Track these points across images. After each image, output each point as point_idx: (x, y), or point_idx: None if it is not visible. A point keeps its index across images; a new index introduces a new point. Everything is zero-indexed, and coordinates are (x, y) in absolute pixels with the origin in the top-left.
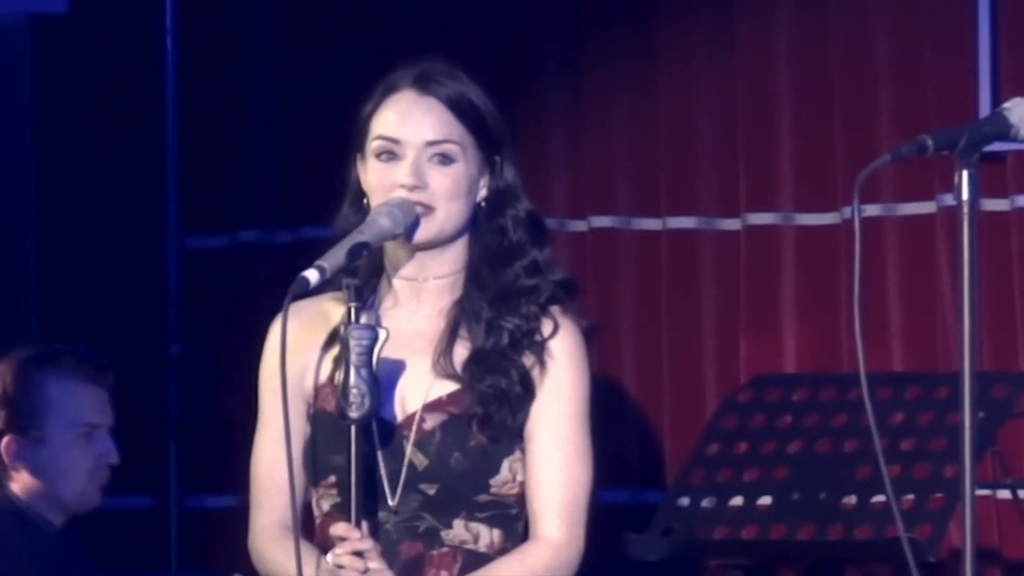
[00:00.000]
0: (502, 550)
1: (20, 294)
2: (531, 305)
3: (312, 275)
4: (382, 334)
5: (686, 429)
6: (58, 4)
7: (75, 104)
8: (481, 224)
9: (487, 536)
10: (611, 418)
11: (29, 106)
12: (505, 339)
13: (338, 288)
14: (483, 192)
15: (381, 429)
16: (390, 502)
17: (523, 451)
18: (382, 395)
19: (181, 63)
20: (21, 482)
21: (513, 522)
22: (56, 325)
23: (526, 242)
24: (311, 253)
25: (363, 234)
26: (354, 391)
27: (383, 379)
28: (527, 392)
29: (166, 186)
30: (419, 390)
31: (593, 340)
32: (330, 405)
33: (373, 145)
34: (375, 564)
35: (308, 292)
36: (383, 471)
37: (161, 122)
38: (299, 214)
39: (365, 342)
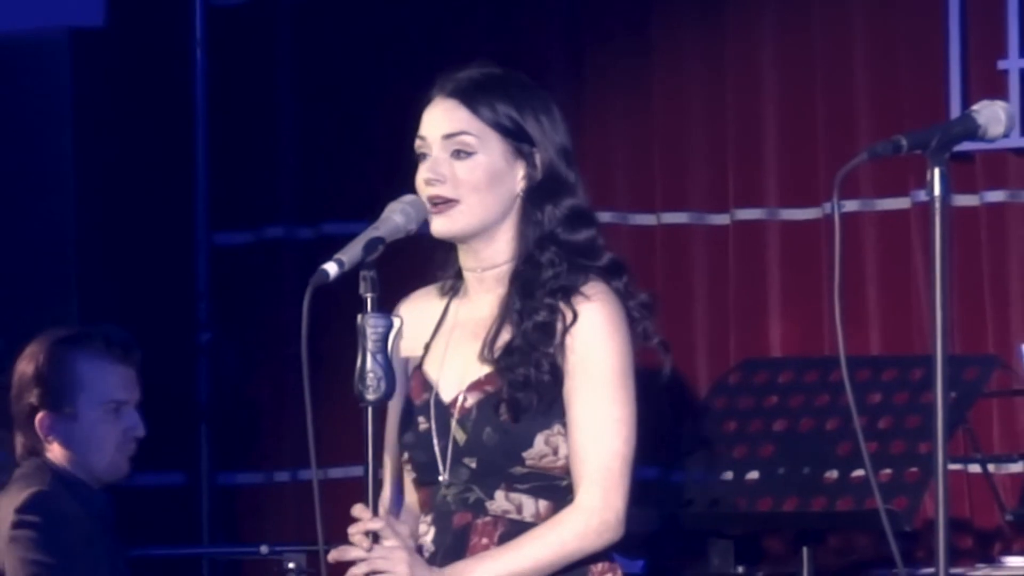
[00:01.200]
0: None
1: (62, 288)
2: (549, 297)
3: (331, 268)
4: (396, 322)
5: (680, 409)
6: (96, 18)
7: (111, 110)
8: (524, 216)
9: (531, 506)
10: None
11: (69, 112)
12: (533, 330)
13: (448, 278)
14: (522, 184)
15: (437, 409)
16: (441, 476)
17: (564, 426)
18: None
19: (210, 73)
20: (55, 453)
21: (563, 494)
22: (95, 315)
23: (559, 234)
24: (331, 248)
25: (378, 230)
26: (370, 375)
27: (446, 364)
28: (555, 380)
29: (196, 186)
30: (468, 373)
31: (655, 311)
32: (412, 388)
33: (415, 146)
34: (390, 542)
35: (327, 283)
36: (436, 447)
37: (191, 127)
38: (320, 212)
39: (380, 329)
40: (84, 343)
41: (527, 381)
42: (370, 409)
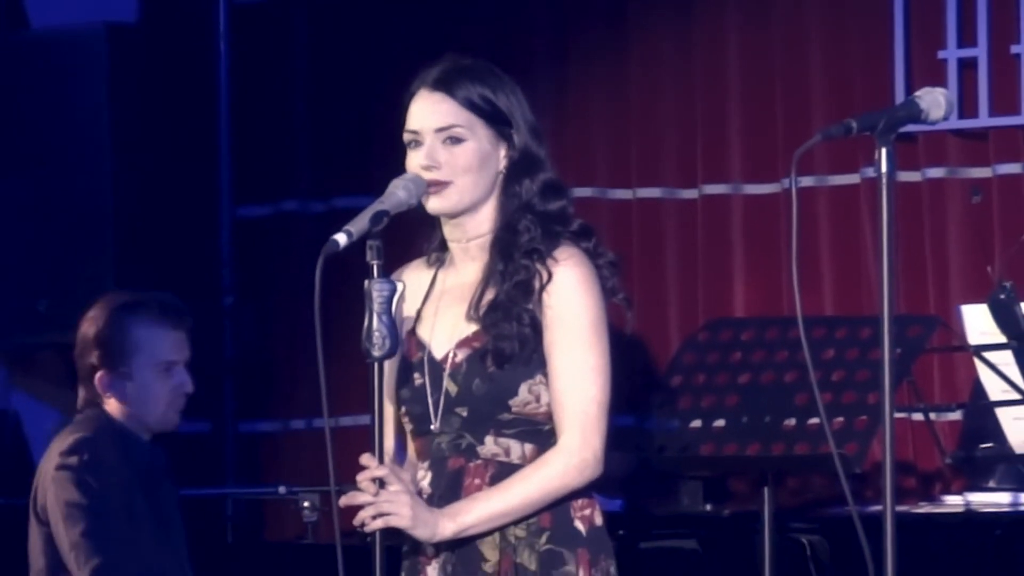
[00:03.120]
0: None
1: (101, 256)
2: (525, 258)
3: (341, 238)
4: (399, 286)
5: (654, 364)
6: (129, 14)
7: (144, 97)
8: (504, 190)
9: (518, 449)
10: None
11: (106, 99)
12: (514, 288)
13: (435, 250)
14: (504, 163)
15: (430, 365)
16: (433, 425)
17: (545, 376)
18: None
19: (232, 64)
20: (112, 407)
21: (547, 437)
22: (131, 281)
23: (536, 204)
24: (341, 220)
25: (383, 203)
26: (376, 334)
27: (437, 326)
28: (535, 333)
29: (220, 165)
30: (457, 332)
31: (620, 270)
32: (407, 349)
33: (404, 137)
34: (394, 487)
35: (338, 252)
36: (430, 399)
37: (216, 112)
38: (331, 188)
39: (385, 293)
40: (140, 309)
41: (510, 333)
42: (376, 364)
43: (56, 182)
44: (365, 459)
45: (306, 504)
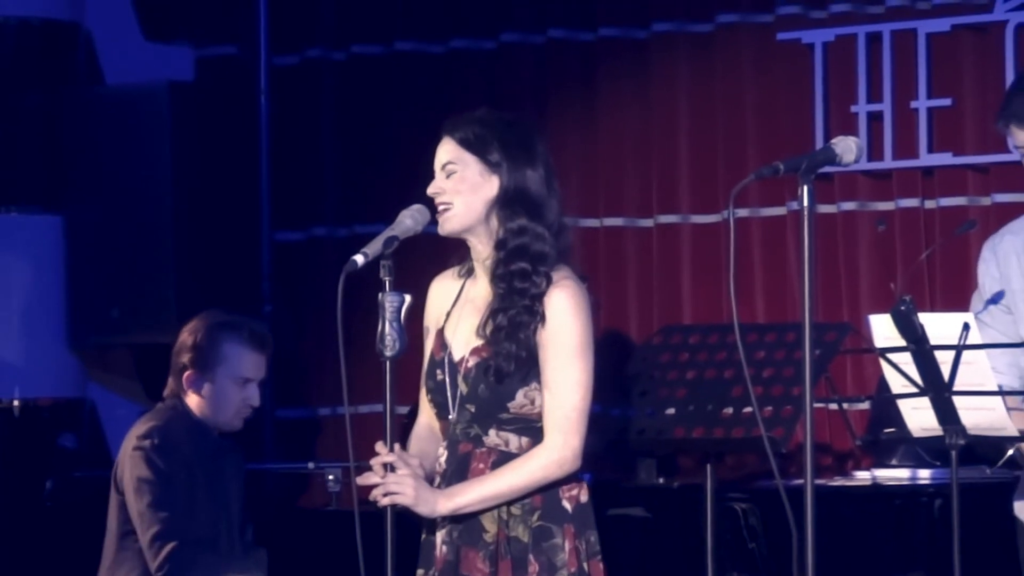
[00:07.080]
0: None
1: (163, 272)
2: (519, 296)
3: (359, 258)
4: (407, 298)
5: (617, 362)
6: (187, 74)
7: (199, 142)
8: (498, 219)
9: (516, 441)
10: None
11: (168, 143)
12: (514, 317)
13: (467, 263)
14: (493, 192)
15: (449, 365)
16: (451, 415)
17: (540, 383)
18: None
19: (272, 115)
20: (191, 401)
21: (540, 432)
22: (188, 294)
23: (515, 236)
24: (361, 243)
25: (393, 230)
26: (388, 338)
27: (458, 331)
28: (530, 357)
29: (261, 198)
30: (471, 340)
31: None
32: (434, 346)
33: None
34: (401, 471)
35: (357, 270)
36: (448, 393)
37: (258, 154)
38: (353, 217)
39: (396, 304)
40: (233, 329)
41: (508, 354)
42: (388, 363)
43: (126, 211)
44: (378, 447)
45: (330, 477)
